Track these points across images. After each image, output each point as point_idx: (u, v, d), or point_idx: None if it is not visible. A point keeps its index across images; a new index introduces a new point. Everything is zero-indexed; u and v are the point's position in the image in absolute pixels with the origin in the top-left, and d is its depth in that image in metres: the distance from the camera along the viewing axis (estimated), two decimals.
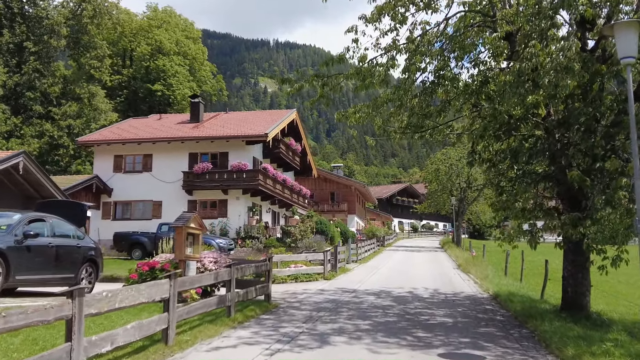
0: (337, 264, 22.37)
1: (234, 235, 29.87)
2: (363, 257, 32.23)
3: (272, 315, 11.10)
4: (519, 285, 17.43)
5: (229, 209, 30.76)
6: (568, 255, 11.19)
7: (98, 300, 5.91)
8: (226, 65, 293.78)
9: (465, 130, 12.79)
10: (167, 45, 60.06)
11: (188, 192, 30.82)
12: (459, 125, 14.18)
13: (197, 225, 12.05)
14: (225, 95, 74.89)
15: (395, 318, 11.07)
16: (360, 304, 13.13)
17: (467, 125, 12.93)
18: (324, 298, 14.21)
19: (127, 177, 32.23)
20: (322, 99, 12.05)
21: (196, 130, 32.51)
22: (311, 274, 19.46)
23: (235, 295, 10.11)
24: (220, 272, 9.72)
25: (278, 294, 14.96)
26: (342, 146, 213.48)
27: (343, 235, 37.66)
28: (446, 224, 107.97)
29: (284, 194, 34.67)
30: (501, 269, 23.58)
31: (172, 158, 31.52)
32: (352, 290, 16.22)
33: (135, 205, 32.09)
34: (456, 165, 48.37)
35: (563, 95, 10.43)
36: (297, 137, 37.76)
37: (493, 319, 11.33)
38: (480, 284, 18.63)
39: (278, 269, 18.95)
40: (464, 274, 23.16)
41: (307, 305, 12.81)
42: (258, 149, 33.07)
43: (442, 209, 55.76)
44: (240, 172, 29.85)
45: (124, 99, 59.25)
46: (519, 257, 23.57)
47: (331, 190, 56.29)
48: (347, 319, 10.83)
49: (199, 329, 8.69)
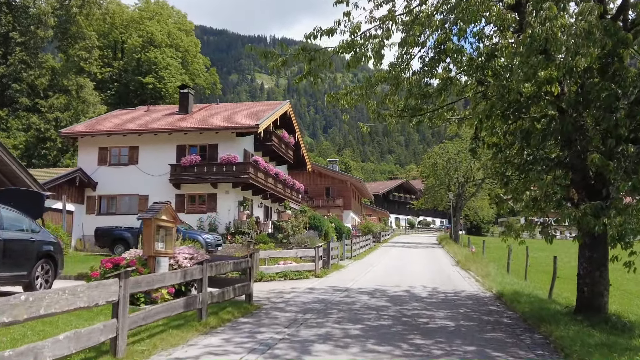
0: (329, 261, 21.17)
1: (224, 230, 28.62)
2: (358, 254, 31.03)
3: (251, 318, 9.87)
4: (523, 284, 16.23)
5: (219, 203, 29.48)
6: (584, 251, 9.99)
7: (13, 305, 4.67)
8: (223, 62, 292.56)
9: (469, 113, 11.57)
10: (159, 37, 58.63)
11: (176, 185, 29.54)
12: (462, 112, 12.96)
13: (170, 217, 10.81)
14: (219, 88, 73.46)
15: (390, 321, 9.85)
16: (352, 305, 11.91)
17: (471, 108, 11.69)
18: (313, 298, 12.98)
19: (113, 170, 30.92)
20: (310, 76, 10.79)
21: (184, 122, 31.20)
22: (301, 272, 18.23)
23: (207, 297, 8.87)
24: (189, 269, 8.47)
25: (263, 293, 13.74)
26: (339, 142, 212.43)
27: (338, 231, 36.48)
28: (443, 220, 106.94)
29: (276, 188, 33.40)
30: (502, 265, 22.40)
31: (159, 150, 30.21)
32: (344, 289, 15.00)
33: (120, 200, 30.79)
34: (454, 159, 47.18)
35: (580, 69, 9.23)
36: (291, 129, 36.47)
37: (499, 322, 10.12)
38: (481, 282, 17.43)
39: (266, 266, 17.74)
40: (464, 271, 21.97)
41: (293, 306, 11.57)
42: (249, 142, 31.78)
43: (439, 205, 54.60)
44: (229, 165, 28.57)
45: (114, 92, 57.80)
46: (520, 254, 22.44)
47: (326, 186, 55.01)
48: (336, 322, 9.60)
49: (161, 337, 7.45)
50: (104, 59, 58.99)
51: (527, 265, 18.57)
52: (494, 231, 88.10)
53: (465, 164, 47.24)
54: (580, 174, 9.84)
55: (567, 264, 30.46)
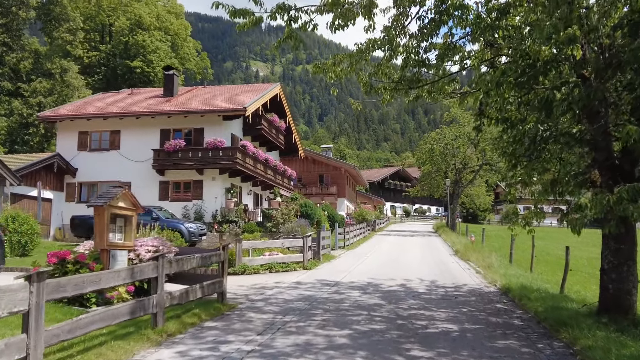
0: (320, 251, 19.75)
1: (210, 219, 27.17)
2: (351, 243, 29.65)
3: (220, 321, 8.44)
4: (530, 276, 14.85)
5: (205, 190, 27.99)
6: (609, 242, 8.59)
7: None
8: (218, 49, 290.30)
9: (475, 80, 10.09)
10: (147, 20, 56.79)
11: (159, 172, 28.00)
12: (464, 87, 11.48)
13: (130, 204, 9.34)
14: (211, 73, 71.59)
15: (383, 324, 8.45)
16: (341, 303, 10.50)
17: (475, 79, 10.21)
18: (298, 294, 11.57)
19: (93, 155, 29.35)
20: (290, 40, 9.28)
21: (169, 105, 29.60)
22: (288, 263, 16.81)
23: (164, 298, 7.42)
24: (138, 267, 6.99)
25: (243, 289, 12.34)
26: (334, 130, 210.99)
27: (330, 219, 35.06)
28: (439, 208, 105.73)
29: (266, 175, 31.90)
30: (504, 255, 21.08)
31: (142, 135, 28.64)
32: (334, 283, 13.59)
33: (101, 187, 29.12)
34: (451, 145, 45.67)
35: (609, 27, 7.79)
36: (282, 113, 34.90)
37: (510, 325, 8.73)
38: (483, 274, 16.05)
39: (249, 258, 16.31)
40: (463, 262, 20.60)
41: (274, 305, 10.16)
42: (237, 126, 30.22)
43: (435, 192, 53.15)
44: (216, 150, 27.05)
45: (102, 76, 56.00)
46: (521, 243, 21.08)
47: (320, 173, 53.51)
48: (320, 327, 8.18)
49: (98, 351, 6.01)
50: (90, 42, 57.20)
51: (533, 255, 17.16)
52: (490, 219, 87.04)
53: (462, 150, 45.78)
54: (604, 153, 8.42)
55: (573, 254, 29.17)
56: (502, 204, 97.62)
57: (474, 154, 46.28)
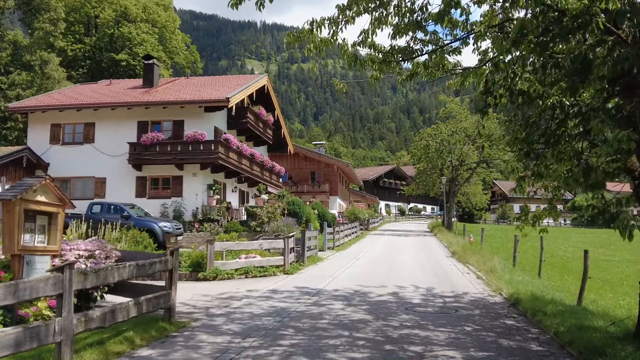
0: (304, 253, 17.96)
1: (190, 217, 25.32)
2: (342, 243, 27.86)
3: (160, 348, 6.60)
4: (539, 283, 13.06)
5: (185, 187, 26.09)
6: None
7: None
8: (213, 47, 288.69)
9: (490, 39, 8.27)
10: (134, 11, 54.80)
11: (136, 167, 26.09)
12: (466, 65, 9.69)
13: (54, 198, 7.50)
14: (200, 68, 69.56)
15: (367, 352, 6.63)
16: (319, 319, 8.69)
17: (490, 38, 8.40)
18: (269, 307, 9.75)
19: (66, 149, 27.41)
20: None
21: (147, 96, 27.69)
22: (267, 267, 14.99)
23: (73, 322, 5.58)
24: (22, 284, 5.09)
25: (207, 299, 10.52)
26: (330, 129, 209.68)
27: (321, 218, 33.27)
28: (434, 207, 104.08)
29: (252, 171, 30.03)
30: (506, 257, 19.29)
31: (118, 127, 26.73)
32: (315, 292, 11.78)
33: (74, 183, 27.30)
34: (447, 141, 43.92)
35: None
36: (270, 107, 33.03)
37: (527, 351, 6.93)
38: (486, 280, 14.27)
39: (222, 261, 14.48)
40: (462, 265, 18.84)
41: (236, 322, 8.34)
42: (221, 118, 28.35)
43: (430, 191, 51.44)
44: (196, 144, 25.16)
45: (86, 70, 53.98)
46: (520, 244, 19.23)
47: (311, 170, 51.63)
48: (285, 356, 6.37)
49: None
50: (75, 34, 55.16)
51: (542, 259, 15.35)
52: (486, 218, 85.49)
53: (459, 146, 44.06)
54: None
55: (571, 253, 27.38)
56: (498, 202, 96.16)
57: (472, 152, 44.58)
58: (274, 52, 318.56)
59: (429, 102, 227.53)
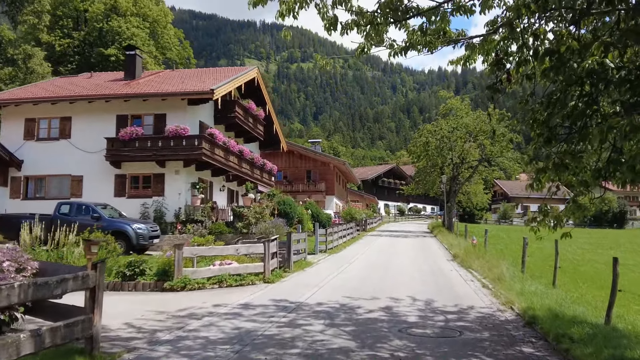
0: (290, 258, 16.17)
1: (172, 218, 23.55)
2: (335, 246, 26.07)
3: None
4: (556, 295, 11.25)
5: (167, 185, 24.30)
6: None
7: None
8: (212, 47, 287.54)
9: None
10: (124, 5, 53.01)
11: (114, 164, 24.30)
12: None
13: None
14: (194, 64, 67.74)
15: None
16: (290, 348, 6.90)
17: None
18: (232, 329, 7.97)
19: (41, 145, 25.64)
20: None
21: (126, 88, 25.91)
22: (244, 275, 13.20)
23: None
24: None
25: (161, 317, 8.76)
26: (329, 128, 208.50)
27: (315, 218, 31.51)
28: (434, 207, 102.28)
29: (241, 169, 28.24)
30: (513, 261, 17.49)
31: (96, 122, 24.94)
32: (294, 307, 10.00)
33: (50, 181, 25.55)
34: (448, 137, 42.11)
35: None
36: (260, 101, 31.23)
37: None
38: (493, 290, 12.49)
39: (193, 269, 12.71)
40: (465, 271, 17.07)
41: (180, 354, 6.54)
42: (207, 112, 26.57)
43: (430, 190, 49.59)
44: (178, 139, 23.36)
45: (75, 65, 52.20)
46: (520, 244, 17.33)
47: (307, 169, 49.86)
48: None
49: None
50: (63, 29, 53.39)
51: (557, 266, 13.53)
52: (487, 218, 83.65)
53: (460, 143, 42.29)
54: None
55: (580, 256, 25.33)
56: (499, 202, 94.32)
57: (473, 149, 42.78)
58: (273, 51, 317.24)
59: (429, 102, 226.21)
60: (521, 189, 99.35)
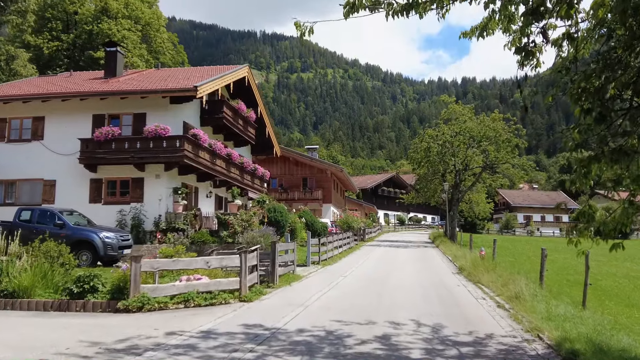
0: (275, 271, 14.14)
1: (152, 226, 21.54)
2: (330, 257, 24.02)
3: None
4: (591, 320, 9.17)
5: (146, 190, 22.32)
6: None
7: None
8: (212, 57, 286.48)
9: None
10: (114, 6, 51.23)
11: (90, 167, 22.32)
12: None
13: None
14: None
15: None
16: None
17: None
18: None
19: (12, 148, 23.68)
20: None
21: (105, 85, 23.99)
22: (216, 293, 11.14)
23: None
24: None
25: (88, 353, 6.70)
26: (329, 138, 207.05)
27: (309, 227, 29.47)
28: (435, 217, 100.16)
29: (229, 173, 26.23)
30: (526, 275, 15.38)
31: (71, 122, 23.02)
32: (268, 335, 7.96)
33: (21, 187, 23.56)
34: (451, 143, 40.13)
35: None
36: (252, 102, 29.34)
37: None
38: (511, 312, 10.44)
39: (154, 286, 10.66)
40: (473, 286, 15.03)
41: None
42: (192, 113, 24.61)
43: (431, 199, 47.51)
44: (158, 140, 21.40)
45: (64, 69, 50.33)
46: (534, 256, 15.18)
47: (303, 176, 47.86)
48: None
49: None
50: (52, 31, 51.61)
51: (587, 283, 11.44)
52: (489, 228, 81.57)
53: (463, 149, 40.30)
54: None
55: (596, 269, 22.73)
56: (501, 212, 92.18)
57: (476, 155, 40.77)
58: (273, 61, 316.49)
59: (429, 112, 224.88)
60: (523, 199, 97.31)
